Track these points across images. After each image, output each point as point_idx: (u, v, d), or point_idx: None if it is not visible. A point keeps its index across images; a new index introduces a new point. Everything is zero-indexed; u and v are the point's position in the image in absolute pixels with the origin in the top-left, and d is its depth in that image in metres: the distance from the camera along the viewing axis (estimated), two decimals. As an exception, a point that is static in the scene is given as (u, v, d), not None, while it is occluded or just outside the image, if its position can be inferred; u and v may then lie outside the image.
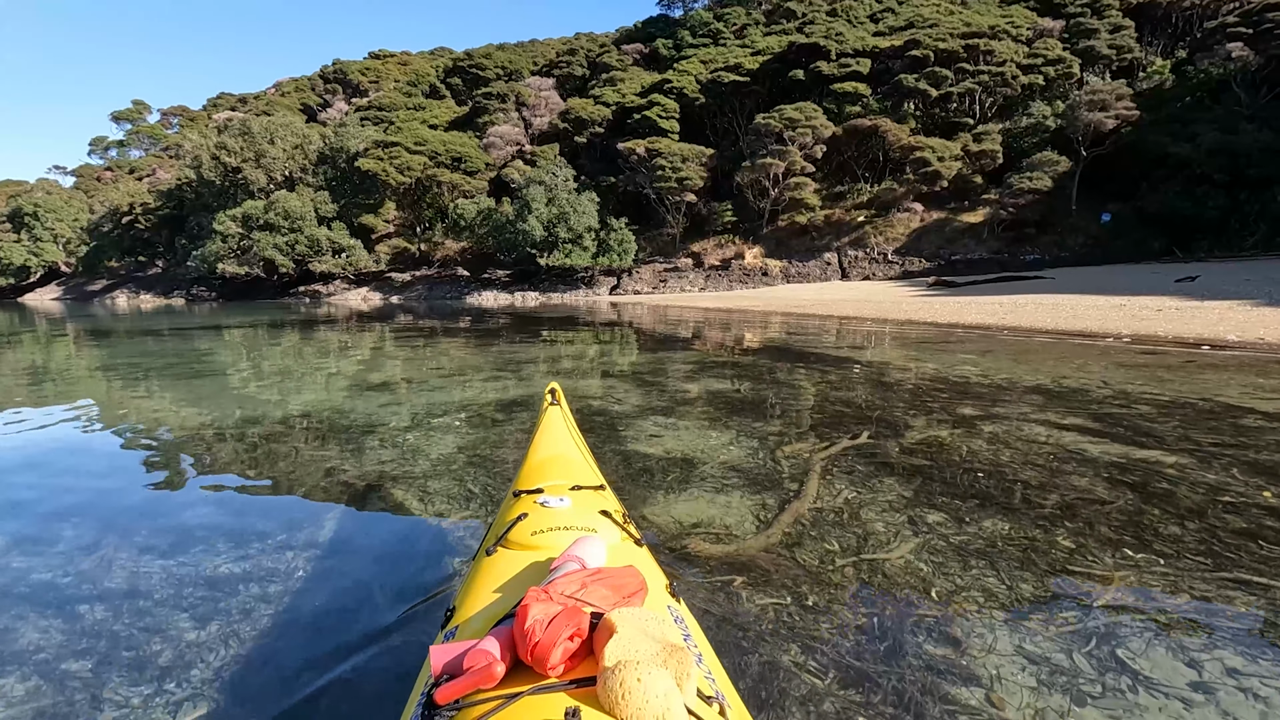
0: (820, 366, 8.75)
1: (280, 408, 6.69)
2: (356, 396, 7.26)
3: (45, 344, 14.87)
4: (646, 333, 14.38)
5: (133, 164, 73.39)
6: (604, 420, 5.72)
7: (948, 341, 11.01)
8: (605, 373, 8.78)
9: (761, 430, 5.28)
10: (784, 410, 6.14)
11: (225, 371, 9.56)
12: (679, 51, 46.48)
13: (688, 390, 7.13)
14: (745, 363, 9.44)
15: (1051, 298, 14.85)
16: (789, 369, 8.63)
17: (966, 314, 13.82)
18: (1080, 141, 30.18)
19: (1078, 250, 29.58)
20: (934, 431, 5.07)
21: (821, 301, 20.30)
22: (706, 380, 7.76)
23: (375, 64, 66.61)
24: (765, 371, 8.51)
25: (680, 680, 1.04)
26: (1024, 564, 2.89)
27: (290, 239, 38.62)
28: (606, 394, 7.01)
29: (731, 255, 35.19)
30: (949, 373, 7.86)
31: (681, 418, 5.76)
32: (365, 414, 6.21)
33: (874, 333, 13.00)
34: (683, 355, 10.44)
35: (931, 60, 33.69)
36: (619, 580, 1.35)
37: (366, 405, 6.65)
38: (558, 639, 1.12)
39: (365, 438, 5.32)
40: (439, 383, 8.06)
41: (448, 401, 6.79)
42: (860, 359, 9.43)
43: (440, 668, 1.16)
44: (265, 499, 4.03)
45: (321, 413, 6.40)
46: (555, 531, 1.80)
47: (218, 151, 40.98)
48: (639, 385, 7.54)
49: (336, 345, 13.14)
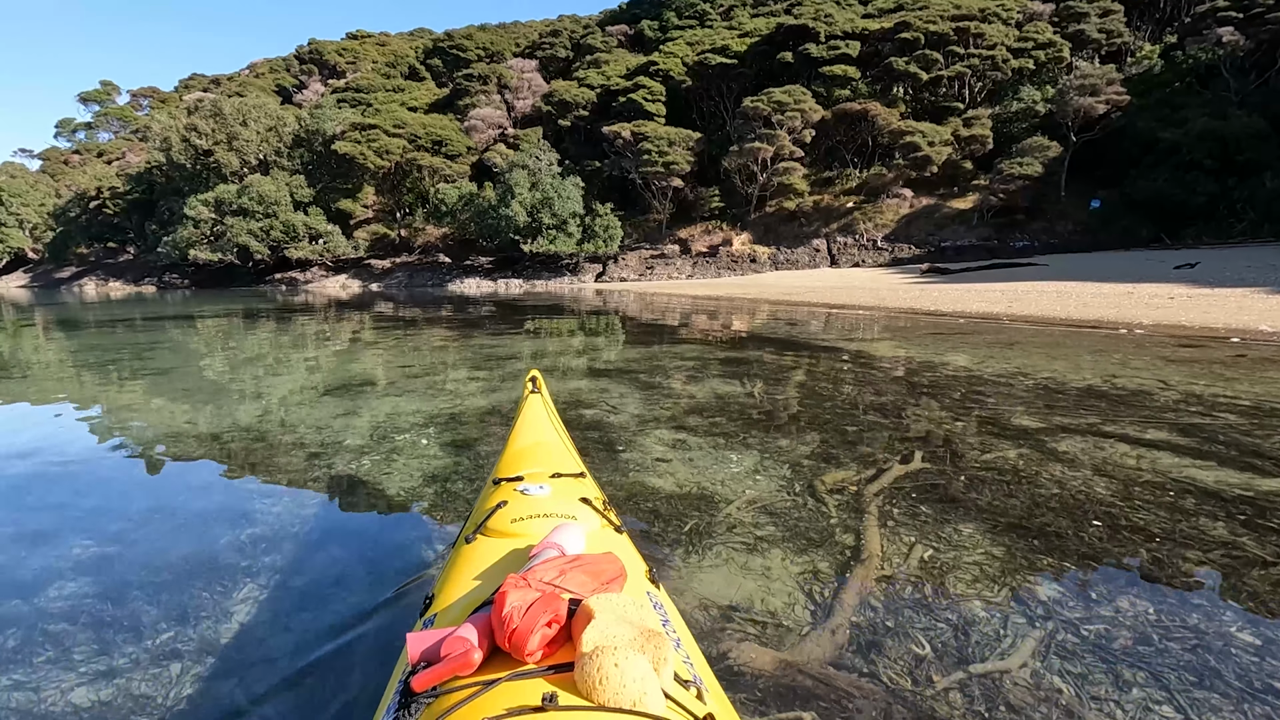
0: (834, 362, 8.05)
1: (256, 399, 6.59)
2: (334, 387, 7.16)
3: (11, 335, 14.21)
4: (637, 323, 13.72)
5: (101, 147, 71.12)
6: (599, 437, 4.82)
7: (961, 333, 10.36)
8: (597, 371, 7.77)
9: (789, 451, 4.40)
10: (809, 421, 5.22)
11: (198, 363, 9.26)
12: (665, 33, 45.55)
13: (693, 394, 6.27)
14: (750, 358, 8.63)
15: (1052, 285, 14.48)
16: (801, 366, 7.84)
17: (969, 302, 13.34)
18: (1070, 127, 29.91)
19: (1067, 237, 29.39)
20: (998, 451, 4.29)
21: (814, 289, 19.82)
22: (711, 381, 6.94)
23: (353, 44, 64.85)
24: (775, 369, 7.67)
25: (658, 665, 1.04)
26: (1205, 676, 2.01)
27: (265, 224, 37.44)
28: (600, 399, 6.07)
29: (719, 242, 34.63)
30: (980, 369, 7.13)
31: (691, 432, 4.88)
32: (343, 405, 6.12)
33: (876, 322, 12.39)
34: (679, 349, 9.56)
35: (922, 43, 33.18)
36: (598, 567, 1.34)
37: (344, 396, 6.58)
38: (535, 625, 1.11)
39: (343, 428, 5.26)
40: (418, 373, 7.87)
41: (427, 392, 6.70)
42: (874, 353, 8.68)
43: (418, 655, 1.16)
44: (242, 489, 3.98)
45: (298, 404, 6.30)
46: (535, 519, 1.79)
47: (188, 134, 39.51)
48: (637, 388, 6.62)
49: (314, 336, 12.73)
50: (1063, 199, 30.67)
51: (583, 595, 1.22)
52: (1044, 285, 14.42)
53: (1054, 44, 33.24)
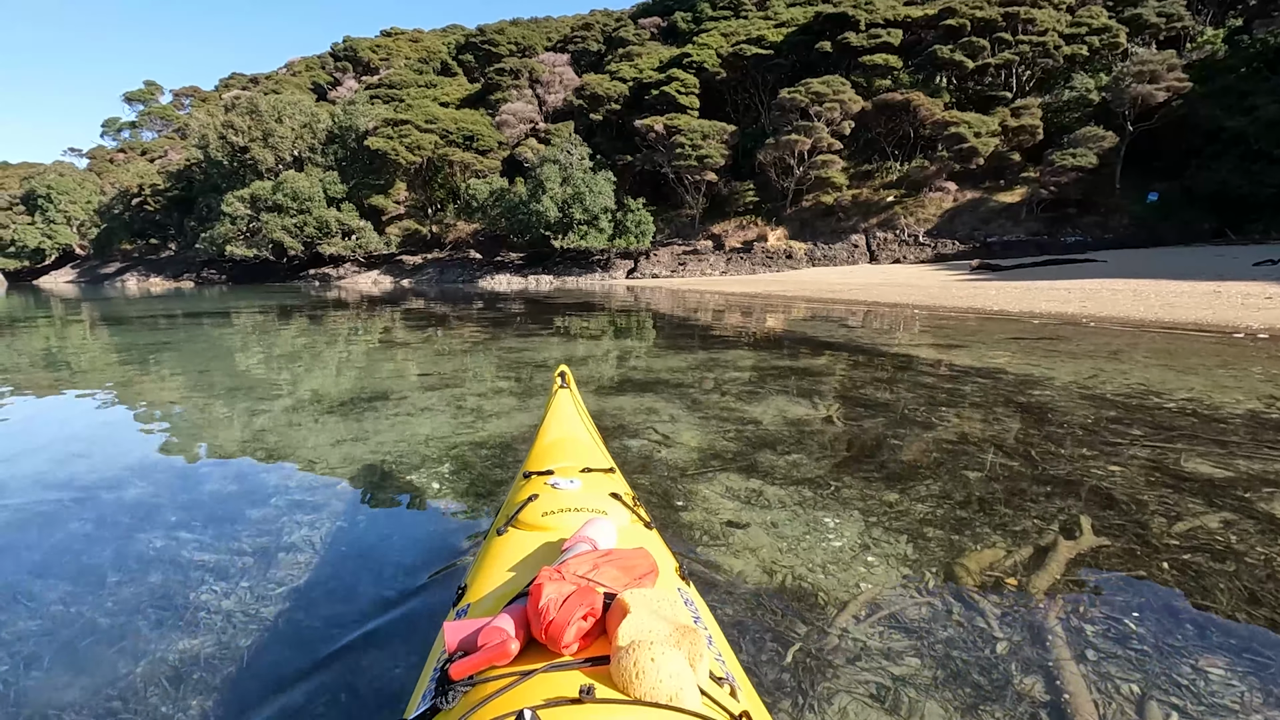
0: (911, 374, 6.95)
1: (290, 393, 6.64)
2: (367, 381, 7.22)
3: (60, 328, 14.36)
4: (674, 323, 12.91)
5: (145, 145, 72.82)
6: (652, 482, 3.75)
7: (1045, 338, 9.18)
8: (639, 383, 6.64)
9: (902, 510, 3.32)
10: (914, 461, 4.07)
11: (235, 359, 9.39)
12: (698, 25, 44.71)
13: (756, 417, 5.13)
14: (811, 367, 7.43)
15: (1122, 283, 13.42)
16: (874, 378, 6.73)
17: (1035, 302, 12.29)
18: (1126, 116, 28.42)
19: (1122, 232, 27.95)
20: (1191, 517, 3.14)
21: (858, 286, 18.91)
22: (775, 398, 5.84)
23: (386, 41, 65.24)
24: (845, 383, 6.55)
25: (693, 661, 1.05)
26: None
27: (299, 220, 37.69)
28: (646, 423, 4.98)
29: (753, 237, 33.79)
30: (1097, 387, 5.94)
31: (766, 478, 3.79)
32: (375, 399, 6.16)
33: (940, 324, 11.23)
34: (728, 355, 8.38)
35: (968, 30, 31.83)
36: (630, 561, 1.34)
37: (374, 391, 6.58)
38: (571, 618, 1.12)
39: (376, 421, 5.32)
40: (446, 370, 7.81)
41: (457, 388, 6.64)
42: (956, 362, 7.48)
43: (455, 644, 1.16)
44: (279, 479, 4.03)
45: (332, 397, 6.34)
46: (566, 513, 1.79)
47: (225, 131, 40.00)
48: (688, 407, 5.54)
49: (346, 332, 12.72)
50: (1117, 191, 29.19)
51: (616, 590, 1.22)
52: (1114, 283, 13.39)
53: (1109, 29, 31.60)
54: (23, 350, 10.61)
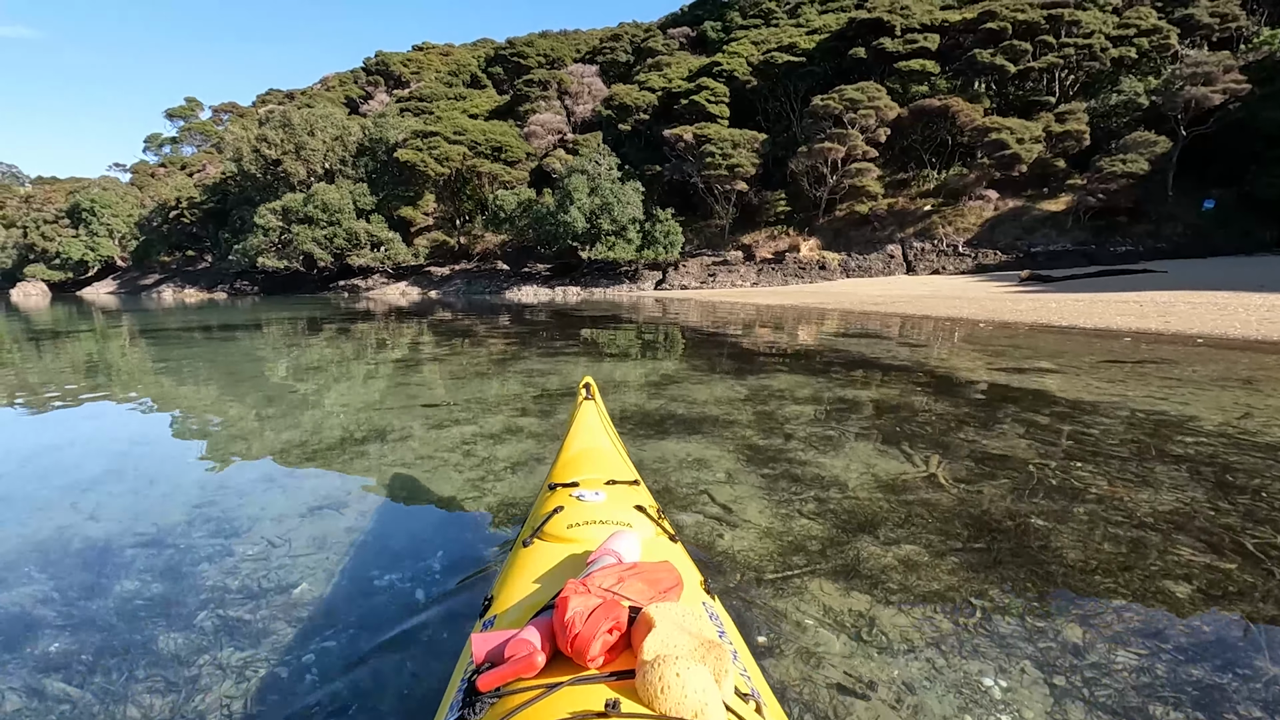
0: (1015, 410, 5.67)
1: (319, 403, 6.68)
2: (393, 392, 7.22)
3: (99, 338, 14.25)
4: (711, 340, 11.88)
5: (185, 160, 74.65)
6: (717, 586, 2.71)
7: (1149, 361, 7.95)
8: (683, 422, 5.45)
9: (1102, 667, 2.16)
10: (1086, 567, 2.87)
11: (265, 369, 9.44)
12: (728, 34, 44.23)
13: (840, 477, 4.01)
14: (888, 400, 6.20)
15: (1200, 295, 12.33)
16: (969, 416, 5.51)
17: (1106, 315, 11.22)
18: (1179, 120, 27.14)
19: (1176, 241, 26.59)
20: None
21: (901, 298, 17.99)
22: (856, 445, 4.68)
23: (417, 55, 66.07)
24: (936, 423, 5.28)
25: (719, 676, 1.04)
26: None
27: (329, 232, 37.92)
28: (699, 488, 3.90)
29: (785, 248, 33.00)
30: (1261, 430, 4.83)
31: (876, 589, 2.70)
32: (401, 409, 6.18)
33: (1011, 343, 9.86)
34: (781, 383, 7.12)
35: (1009, 33, 30.80)
36: (655, 575, 1.33)
37: (402, 400, 6.61)
38: (597, 631, 1.12)
39: (401, 431, 5.34)
40: (473, 381, 7.73)
41: (482, 399, 6.58)
42: (1059, 393, 6.21)
43: (482, 655, 1.17)
44: (307, 488, 4.06)
45: (360, 407, 6.40)
46: (591, 525, 1.79)
47: (258, 144, 40.53)
48: (747, 460, 4.40)
49: (374, 343, 12.66)
50: (1170, 199, 27.85)
51: (642, 603, 1.21)
52: (1190, 295, 12.35)
53: (1159, 30, 30.32)
54: (63, 359, 10.87)
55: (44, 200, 66.82)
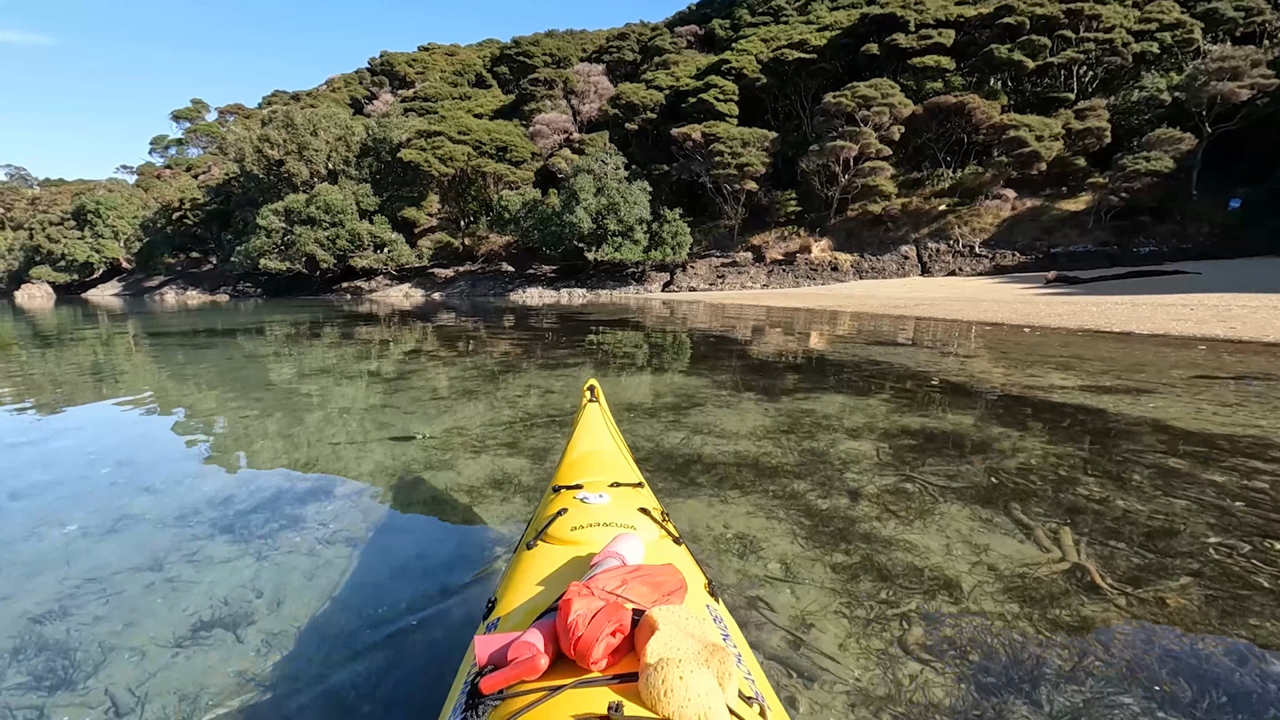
0: (1137, 450, 4.47)
1: (322, 405, 6.60)
2: (396, 394, 7.08)
3: (97, 342, 13.58)
4: (729, 349, 10.86)
5: (190, 162, 74.56)
6: None
7: (1252, 377, 6.80)
8: (714, 473, 4.24)
9: None
10: None
11: (268, 371, 9.31)
12: (736, 32, 43.55)
13: (944, 570, 2.85)
14: (962, 433, 5.01)
15: (1257, 298, 11.37)
16: (1083, 460, 4.28)
17: (1157, 321, 10.26)
18: (1204, 116, 26.26)
19: (1201, 241, 25.71)
20: None
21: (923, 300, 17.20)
22: (951, 513, 3.47)
23: (422, 55, 65.66)
24: (1045, 472, 4.07)
25: (722, 680, 1.04)
26: None
27: (331, 233, 37.36)
28: (746, 572, 2.88)
29: (796, 248, 32.23)
30: None
31: None
32: (404, 411, 6.11)
33: (1072, 353, 8.65)
34: (826, 407, 5.91)
35: (1027, 28, 29.97)
36: (659, 578, 1.32)
37: (405, 403, 6.52)
38: (600, 634, 1.11)
39: (404, 434, 5.29)
40: (476, 384, 7.55)
41: (485, 402, 6.46)
42: (1181, 425, 5.06)
43: (485, 658, 1.17)
44: (309, 490, 4.03)
45: (362, 410, 6.32)
46: (595, 527, 1.77)
47: (260, 144, 40.03)
48: (810, 539, 3.18)
49: (378, 345, 12.40)
50: (1194, 198, 26.95)
51: (645, 606, 1.20)
52: (1243, 299, 11.52)
53: (1182, 24, 29.43)
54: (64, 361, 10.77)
55: (50, 202, 66.79)
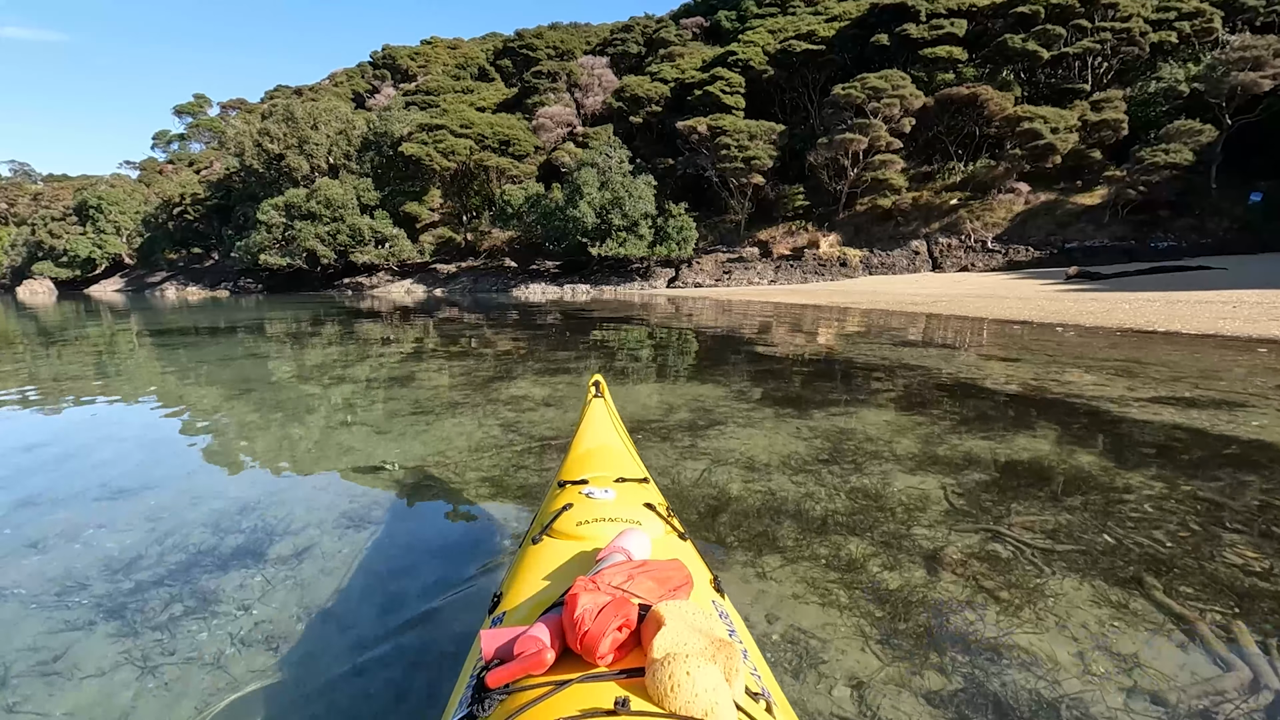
0: (1254, 482, 3.76)
1: (326, 402, 6.51)
2: (400, 391, 6.95)
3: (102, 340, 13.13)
4: (742, 348, 10.01)
5: (192, 157, 74.18)
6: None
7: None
8: (745, 516, 3.43)
9: None
10: None
11: (270, 368, 9.12)
12: (743, 23, 42.83)
13: (1034, 657, 2.17)
14: (1044, 463, 4.14)
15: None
16: (1210, 504, 3.45)
17: (1202, 319, 9.44)
18: (1223, 108, 25.55)
19: (1222, 236, 25.04)
20: None
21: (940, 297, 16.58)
22: (1068, 590, 2.63)
23: (425, 49, 65.04)
24: (1170, 525, 3.22)
25: (729, 675, 1.04)
26: None
27: (331, 228, 36.89)
28: (803, 703, 1.99)
29: (804, 244, 31.62)
30: None
31: None
32: (408, 408, 6.02)
33: (1133, 359, 7.74)
34: (865, 423, 5.17)
35: (1041, 17, 29.25)
36: (665, 573, 1.32)
37: (409, 399, 6.40)
38: (607, 629, 1.11)
39: (409, 430, 5.23)
40: (481, 380, 7.39)
41: (490, 398, 6.33)
42: (1257, 436, 4.53)
43: (491, 652, 1.16)
44: (315, 486, 4.00)
45: (366, 406, 6.24)
46: (600, 522, 1.76)
47: (260, 138, 39.56)
48: (881, 637, 2.33)
49: (379, 342, 12.17)
50: (1214, 192, 26.25)
51: (651, 601, 1.20)
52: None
53: (1201, 13, 28.68)
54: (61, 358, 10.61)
55: (53, 198, 66.50)
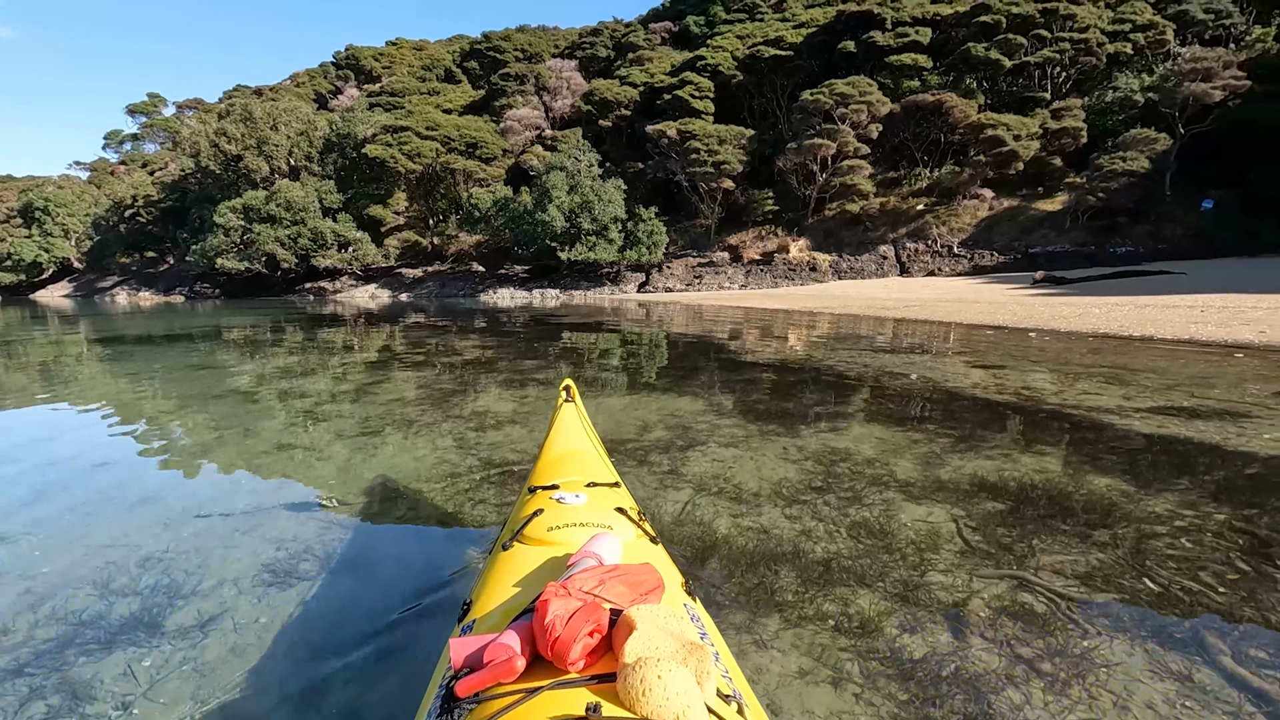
0: None
1: (288, 412, 6.25)
2: (365, 399, 6.74)
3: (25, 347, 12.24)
4: (718, 355, 9.56)
5: (146, 158, 71.76)
6: None
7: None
8: (736, 560, 2.89)
9: None
10: None
11: (228, 377, 8.67)
12: (711, 29, 42.97)
13: None
14: (1058, 488, 3.71)
15: (1265, 299, 10.97)
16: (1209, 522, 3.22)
17: (1175, 324, 9.51)
18: (1176, 118, 26.29)
19: (1176, 242, 25.71)
20: None
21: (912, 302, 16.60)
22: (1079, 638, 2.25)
23: (390, 50, 63.97)
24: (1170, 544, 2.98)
25: (700, 678, 1.04)
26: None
27: (292, 232, 35.84)
28: None
29: (774, 248, 31.68)
30: None
31: None
32: (374, 416, 5.86)
33: (1120, 366, 7.51)
34: (857, 441, 4.74)
35: (1003, 26, 29.81)
36: (637, 577, 1.31)
37: (375, 407, 6.25)
38: (578, 635, 1.10)
39: (375, 438, 5.11)
40: (448, 388, 7.19)
41: (457, 405, 6.17)
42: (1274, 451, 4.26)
43: (461, 660, 1.14)
44: (275, 496, 3.87)
45: (330, 415, 6.02)
46: (571, 528, 1.74)
47: (217, 139, 38.29)
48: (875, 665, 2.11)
49: (342, 349, 11.75)
50: (1168, 199, 26.98)
51: (623, 606, 1.19)
52: (1255, 300, 11.06)
53: (1155, 25, 29.54)
54: None
55: (-5, 199, 63.60)
